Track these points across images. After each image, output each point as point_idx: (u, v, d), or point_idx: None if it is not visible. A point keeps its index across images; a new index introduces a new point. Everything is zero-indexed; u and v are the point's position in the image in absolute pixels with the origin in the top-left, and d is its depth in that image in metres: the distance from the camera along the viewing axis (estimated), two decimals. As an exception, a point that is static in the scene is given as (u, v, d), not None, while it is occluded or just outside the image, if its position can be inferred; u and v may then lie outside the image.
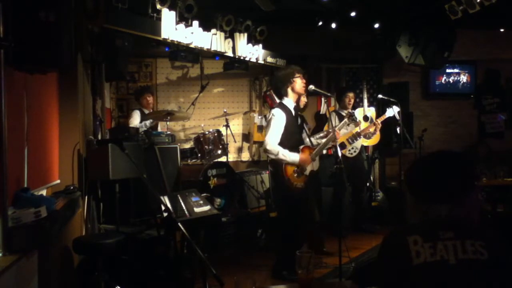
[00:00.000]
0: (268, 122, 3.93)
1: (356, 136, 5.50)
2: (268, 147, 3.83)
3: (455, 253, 1.40)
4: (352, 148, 5.52)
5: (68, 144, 3.68)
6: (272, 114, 3.91)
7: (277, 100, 4.25)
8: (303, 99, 5.23)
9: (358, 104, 6.76)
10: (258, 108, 7.10)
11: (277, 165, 3.90)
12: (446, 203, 1.53)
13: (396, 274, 1.45)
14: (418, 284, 1.41)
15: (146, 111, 5.63)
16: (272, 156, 3.85)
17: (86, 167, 3.83)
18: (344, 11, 5.83)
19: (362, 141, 5.60)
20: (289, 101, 4.02)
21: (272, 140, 3.83)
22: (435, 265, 1.40)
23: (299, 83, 3.98)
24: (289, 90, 3.99)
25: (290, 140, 3.91)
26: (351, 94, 5.65)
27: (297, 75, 3.97)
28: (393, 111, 5.45)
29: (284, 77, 4.00)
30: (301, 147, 3.98)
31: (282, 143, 3.86)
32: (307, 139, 4.20)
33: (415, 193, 1.62)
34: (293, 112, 4.01)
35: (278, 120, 3.88)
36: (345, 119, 4.31)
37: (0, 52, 2.06)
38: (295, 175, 3.88)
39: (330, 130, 4.10)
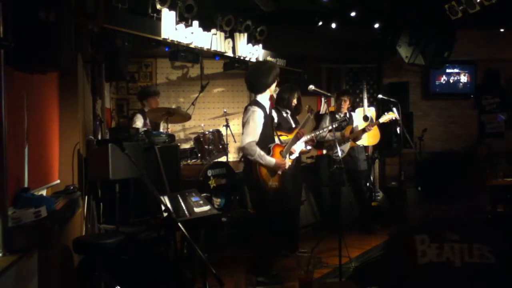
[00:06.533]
0: (247, 119, 3.66)
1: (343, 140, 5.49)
2: (247, 146, 3.60)
3: (461, 256, 1.38)
4: (338, 151, 5.50)
5: (68, 144, 3.68)
6: (252, 111, 3.65)
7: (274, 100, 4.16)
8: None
9: (358, 104, 6.77)
10: (258, 108, 7.11)
11: (250, 165, 3.71)
12: (456, 202, 1.51)
13: (400, 272, 1.45)
14: (421, 284, 1.40)
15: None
16: (249, 156, 3.64)
17: (86, 167, 3.83)
18: (344, 11, 5.83)
19: (359, 141, 5.58)
20: (265, 99, 3.80)
21: (250, 138, 3.62)
22: (440, 266, 1.38)
23: (274, 85, 3.82)
24: (268, 87, 3.77)
25: (264, 138, 3.72)
26: (344, 98, 5.59)
27: (277, 77, 3.80)
28: (392, 116, 5.35)
29: (269, 71, 3.73)
30: (272, 145, 3.78)
31: (257, 142, 3.66)
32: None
33: (427, 191, 1.60)
34: (268, 111, 3.81)
35: (258, 118, 3.66)
36: (308, 115, 4.13)
37: (0, 52, 2.06)
38: (269, 175, 3.70)
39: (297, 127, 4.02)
